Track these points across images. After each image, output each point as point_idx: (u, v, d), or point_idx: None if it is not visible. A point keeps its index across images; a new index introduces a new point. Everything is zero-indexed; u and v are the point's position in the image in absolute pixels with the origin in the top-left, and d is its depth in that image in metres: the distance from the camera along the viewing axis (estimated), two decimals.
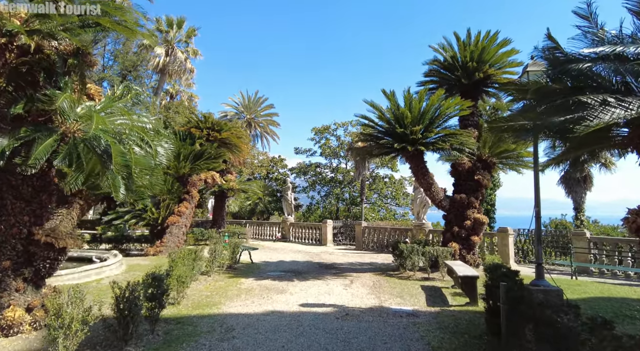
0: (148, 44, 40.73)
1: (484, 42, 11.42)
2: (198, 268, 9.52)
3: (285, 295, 8.39)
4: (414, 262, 10.68)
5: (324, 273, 11.43)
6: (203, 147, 13.68)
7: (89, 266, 8.51)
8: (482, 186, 11.85)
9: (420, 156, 11.25)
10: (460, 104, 10.34)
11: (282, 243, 21.23)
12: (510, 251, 14.09)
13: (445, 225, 12.23)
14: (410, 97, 10.24)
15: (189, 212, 13.76)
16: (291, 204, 23.30)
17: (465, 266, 8.58)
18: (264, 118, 47.77)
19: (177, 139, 13.81)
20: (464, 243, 11.41)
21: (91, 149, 5.00)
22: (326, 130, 34.51)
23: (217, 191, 19.88)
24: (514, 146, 11.37)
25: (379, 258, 15.50)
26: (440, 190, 11.79)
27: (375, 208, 32.41)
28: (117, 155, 4.86)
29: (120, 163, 4.83)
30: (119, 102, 6.08)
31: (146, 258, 12.49)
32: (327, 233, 20.63)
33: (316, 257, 15.42)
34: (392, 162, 32.99)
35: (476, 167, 11.83)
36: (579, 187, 21.94)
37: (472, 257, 11.36)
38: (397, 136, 10.51)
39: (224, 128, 15.27)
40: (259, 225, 25.20)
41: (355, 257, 15.56)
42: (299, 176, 37.08)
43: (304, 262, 14.09)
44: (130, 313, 4.64)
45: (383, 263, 13.83)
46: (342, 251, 17.88)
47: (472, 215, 11.49)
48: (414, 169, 11.43)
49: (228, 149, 15.92)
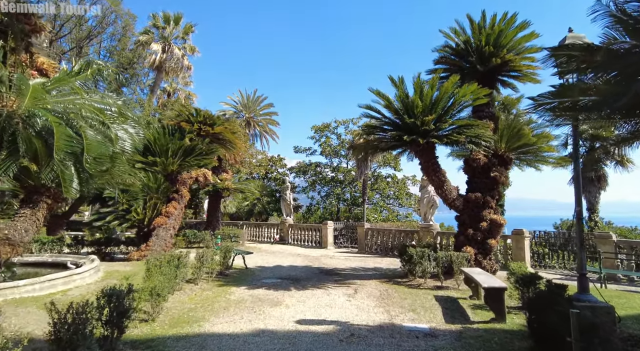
0: (144, 40, 39.79)
1: (501, 25, 10.32)
2: (183, 276, 8.42)
3: (280, 309, 7.28)
4: (425, 268, 9.57)
5: (324, 281, 10.33)
6: (193, 142, 12.59)
7: (55, 275, 7.40)
8: (499, 184, 10.75)
9: (431, 150, 10.16)
10: (477, 92, 9.24)
11: (280, 246, 20.11)
12: (526, 255, 12.98)
13: (458, 227, 11.13)
14: (421, 84, 9.15)
15: (178, 212, 12.66)
16: (290, 205, 22.20)
17: (487, 275, 7.47)
18: (263, 118, 46.70)
19: (165, 133, 12.73)
20: (480, 247, 10.30)
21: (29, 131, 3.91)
22: (326, 128, 33.43)
23: (212, 191, 18.78)
24: (535, 139, 10.27)
25: (384, 262, 14.39)
26: (453, 188, 10.69)
27: (378, 208, 31.29)
28: (60, 139, 3.76)
29: (63, 148, 3.74)
30: (77, 78, 4.98)
31: (129, 263, 11.38)
32: (327, 236, 19.52)
33: (316, 262, 14.31)
34: (395, 161, 31.90)
35: (492, 163, 10.73)
36: (592, 186, 20.83)
37: (488, 263, 10.24)
38: (406, 128, 9.41)
39: (217, 123, 14.15)
40: (256, 226, 24.09)
41: (358, 261, 14.46)
42: (298, 176, 35.99)
43: (302, 267, 12.98)
44: (72, 345, 3.53)
45: (389, 269, 12.72)
46: (343, 254, 16.78)
47: (489, 216, 10.38)
48: (424, 165, 10.33)
49: (222, 145, 14.83)
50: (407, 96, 9.43)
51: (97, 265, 9.31)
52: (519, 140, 10.64)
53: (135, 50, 42.77)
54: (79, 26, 39.94)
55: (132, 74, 47.90)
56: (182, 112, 13.98)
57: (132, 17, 45.46)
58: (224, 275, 10.72)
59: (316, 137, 33.98)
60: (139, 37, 39.32)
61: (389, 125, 9.95)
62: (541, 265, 13.73)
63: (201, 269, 9.30)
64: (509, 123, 10.98)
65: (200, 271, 9.31)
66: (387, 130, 10.07)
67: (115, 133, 4.41)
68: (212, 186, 18.39)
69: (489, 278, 7.01)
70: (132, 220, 12.07)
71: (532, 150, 10.87)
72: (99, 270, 9.37)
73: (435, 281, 9.90)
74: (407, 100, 9.36)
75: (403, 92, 9.37)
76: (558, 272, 12.84)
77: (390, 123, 10.00)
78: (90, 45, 45.05)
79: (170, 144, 12.15)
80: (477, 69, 10.77)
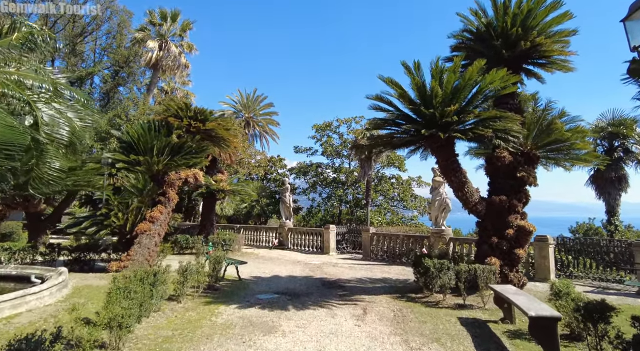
0: (140, 37, 38.63)
1: (530, 4, 9.03)
2: (161, 294, 7.13)
3: (275, 337, 5.98)
4: (445, 283, 8.27)
5: (327, 296, 9.03)
6: (182, 140, 11.31)
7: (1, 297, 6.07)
8: (526, 185, 9.46)
9: (450, 147, 8.86)
10: (506, 79, 7.94)
11: (279, 252, 18.81)
12: (550, 264, 11.69)
13: (479, 234, 9.83)
14: (441, 69, 7.85)
15: (164, 217, 11.37)
16: (289, 207, 20.90)
17: (526, 296, 6.16)
18: (263, 118, 45.46)
19: (151, 130, 11.45)
20: (506, 257, 8.99)
21: None
22: (328, 127, 32.13)
23: (206, 193, 17.50)
24: (569, 134, 8.98)
25: (392, 271, 13.09)
26: (475, 190, 9.39)
27: (382, 211, 29.97)
28: None
29: None
30: None
31: (107, 275, 10.08)
32: (329, 240, 18.22)
33: (318, 270, 13.01)
34: (400, 161, 30.58)
35: (518, 162, 9.43)
36: (612, 187, 19.50)
37: (515, 276, 8.93)
38: (423, 120, 8.13)
39: (209, 118, 12.86)
40: (254, 230, 22.78)
41: (363, 271, 13.15)
42: (298, 177, 34.69)
43: (303, 277, 11.68)
44: None
45: (399, 280, 11.42)
46: (347, 262, 15.47)
47: (515, 222, 9.07)
48: (443, 164, 9.02)
49: (215, 143, 13.55)
50: (424, 84, 8.14)
51: (63, 280, 8.00)
52: (549, 135, 9.35)
53: (132, 48, 41.62)
54: (72, 22, 38.75)
55: (128, 72, 46.72)
56: (170, 107, 12.70)
57: (128, 14, 44.30)
58: (213, 289, 9.43)
59: (317, 137, 32.71)
60: (134, 34, 38.19)
61: (401, 118, 8.65)
62: (566, 274, 12.41)
63: (185, 284, 8.00)
64: (537, 117, 9.70)
65: (184, 286, 8.01)
66: (400, 124, 8.77)
67: (41, 115, 3.16)
68: (205, 188, 17.11)
69: (532, 302, 5.70)
70: (111, 226, 10.80)
71: (563, 148, 9.57)
72: (66, 286, 8.07)
73: (456, 297, 8.60)
74: (424, 89, 8.06)
75: (419, 79, 8.07)
76: (587, 283, 11.53)
77: (403, 116, 8.71)
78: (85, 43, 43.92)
79: (156, 141, 10.87)
80: (501, 56, 9.47)
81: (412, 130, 8.31)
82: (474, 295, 8.47)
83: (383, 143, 9.37)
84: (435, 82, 7.79)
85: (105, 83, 45.10)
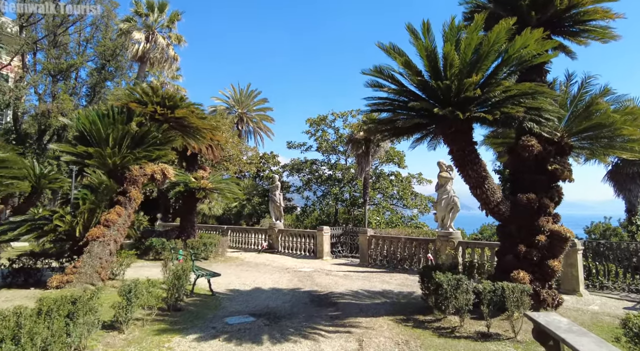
0: (125, 28, 36.65)
1: None
2: (87, 328, 5.33)
3: None
4: (462, 305, 6.51)
5: (315, 318, 7.26)
6: (144, 128, 9.51)
7: None
8: (559, 180, 7.71)
9: (468, 132, 7.09)
10: (543, 45, 6.15)
11: (268, 256, 17.03)
12: (579, 274, 9.98)
13: (501, 241, 8.06)
14: (458, 30, 6.05)
15: (124, 220, 9.55)
16: (280, 206, 19.11)
17: (587, 335, 4.39)
18: (257, 113, 43.67)
19: (104, 117, 9.61)
20: (537, 270, 7.23)
21: None
22: (323, 121, 30.28)
23: (184, 191, 15.68)
24: (617, 117, 7.19)
25: (393, 280, 11.33)
26: (497, 187, 7.61)
27: (380, 210, 28.18)
28: None
29: None
30: None
31: (44, 292, 8.23)
32: (323, 243, 16.45)
33: (308, 280, 11.24)
34: (400, 158, 28.79)
35: (547, 152, 7.66)
36: (633, 184, 17.81)
37: (549, 294, 7.18)
38: (434, 98, 6.35)
39: (179, 105, 11.02)
40: (242, 231, 20.98)
41: (360, 280, 11.38)
42: (292, 174, 32.87)
43: (289, 290, 9.90)
44: None
45: (401, 293, 9.66)
46: (342, 268, 13.71)
47: (547, 225, 7.32)
48: (458, 155, 7.23)
49: (188, 134, 11.73)
50: (434, 51, 6.34)
51: None
52: (588, 119, 7.57)
53: (118, 40, 39.64)
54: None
55: (115, 66, 44.67)
56: (134, 91, 10.84)
57: (114, 5, 42.27)
58: (174, 309, 7.64)
59: (311, 132, 30.84)
60: (120, 25, 36.24)
61: (408, 95, 6.86)
62: (594, 285, 10.68)
63: (129, 309, 6.19)
64: (572, 97, 7.93)
65: (128, 312, 6.21)
66: (404, 103, 6.98)
67: None
68: (184, 186, 15.30)
69: (600, 347, 3.93)
70: (55, 232, 8.98)
71: (605, 134, 7.79)
72: None
73: (476, 321, 6.84)
74: (435, 56, 6.28)
75: (430, 43, 6.26)
76: (623, 296, 9.82)
77: (408, 93, 6.91)
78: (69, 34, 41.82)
79: (111, 130, 9.05)
80: (527, 21, 7.67)
81: (421, 111, 6.50)
82: (500, 319, 6.73)
83: (383, 130, 7.57)
84: (451, 46, 5.97)
85: (92, 76, 43.14)
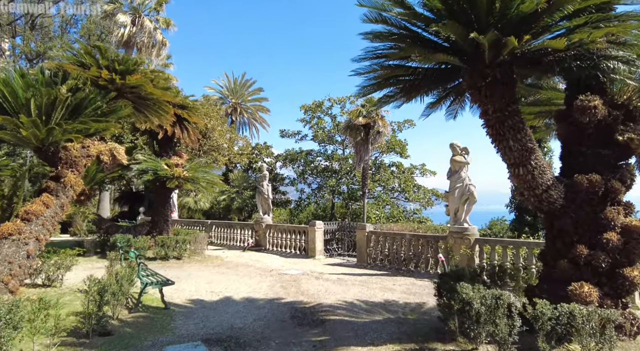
0: (110, 10, 34.22)
1: None
2: None
3: None
4: (504, 334, 4.41)
5: (292, 347, 5.17)
6: (79, 94, 7.36)
7: None
8: (631, 156, 5.60)
9: (510, 84, 4.94)
10: None
11: (253, 255, 14.95)
12: None
13: (549, 240, 5.92)
14: None
15: (53, 212, 7.43)
16: (268, 199, 17.00)
17: None
18: (252, 104, 41.40)
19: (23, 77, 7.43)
20: (605, 282, 5.12)
21: None
22: (318, 107, 28.01)
23: (154, 180, 13.55)
24: None
25: (397, 287, 9.24)
26: (548, 165, 5.45)
27: (380, 203, 26.06)
28: None
29: None
30: None
31: None
32: (315, 240, 14.37)
33: (292, 287, 9.15)
34: (402, 146, 26.59)
35: (614, 119, 5.54)
36: None
37: (627, 317, 5.06)
38: (466, 23, 4.19)
39: (133, 68, 8.74)
40: (227, 227, 18.91)
41: (357, 286, 9.29)
42: (285, 165, 30.67)
43: (266, 302, 7.81)
44: None
45: (408, 305, 7.57)
46: (336, 270, 11.62)
47: (618, 219, 5.21)
48: (496, 118, 5.05)
49: (148, 109, 9.52)
50: None
51: None
52: None
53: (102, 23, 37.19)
54: None
55: None
56: (77, 52, 8.65)
57: None
58: (101, 333, 5.54)
59: (306, 119, 28.57)
60: (104, 6, 33.81)
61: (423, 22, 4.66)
62: None
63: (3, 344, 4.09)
64: None
65: (15, 341, 4.10)
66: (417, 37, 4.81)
67: None
68: (152, 173, 13.15)
69: None
70: None
71: None
72: None
73: None
74: None
75: None
76: None
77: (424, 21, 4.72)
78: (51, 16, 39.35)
79: (31, 94, 6.91)
80: None
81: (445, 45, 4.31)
82: None
83: (390, 84, 5.38)
84: None
85: None
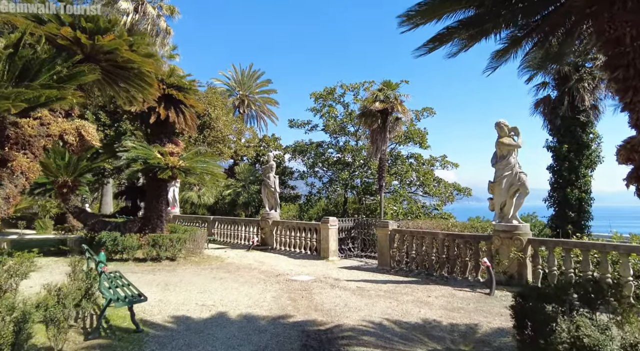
0: None
1: None
2: None
3: None
4: None
5: None
6: (24, 51, 5.63)
7: None
8: None
9: None
10: None
11: (258, 255, 13.21)
12: None
13: None
14: None
15: None
16: (275, 192, 15.23)
17: None
18: (260, 96, 39.71)
19: None
20: None
21: None
22: (330, 95, 26.03)
23: (145, 170, 11.87)
24: None
25: (433, 299, 7.33)
26: None
27: (397, 198, 24.05)
28: None
29: None
30: None
31: None
32: (329, 239, 12.54)
33: (303, 300, 7.33)
34: (422, 136, 24.47)
35: None
36: None
37: None
38: None
39: (105, 27, 6.94)
40: (230, 223, 17.21)
41: (383, 299, 7.41)
42: (294, 157, 28.83)
43: (269, 322, 6.00)
44: None
45: (456, 328, 5.67)
46: (354, 276, 9.76)
47: None
48: (636, 52, 3.15)
49: (128, 81, 7.73)
50: None
51: None
52: None
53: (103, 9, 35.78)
54: None
55: None
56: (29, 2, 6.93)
57: None
58: None
59: (317, 108, 26.61)
60: None
61: None
62: None
63: None
64: None
65: None
66: None
67: None
68: (142, 162, 11.45)
69: None
70: None
71: None
72: None
73: None
74: None
75: None
76: None
77: None
78: None
79: None
80: None
81: None
82: None
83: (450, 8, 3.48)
84: None
85: None
